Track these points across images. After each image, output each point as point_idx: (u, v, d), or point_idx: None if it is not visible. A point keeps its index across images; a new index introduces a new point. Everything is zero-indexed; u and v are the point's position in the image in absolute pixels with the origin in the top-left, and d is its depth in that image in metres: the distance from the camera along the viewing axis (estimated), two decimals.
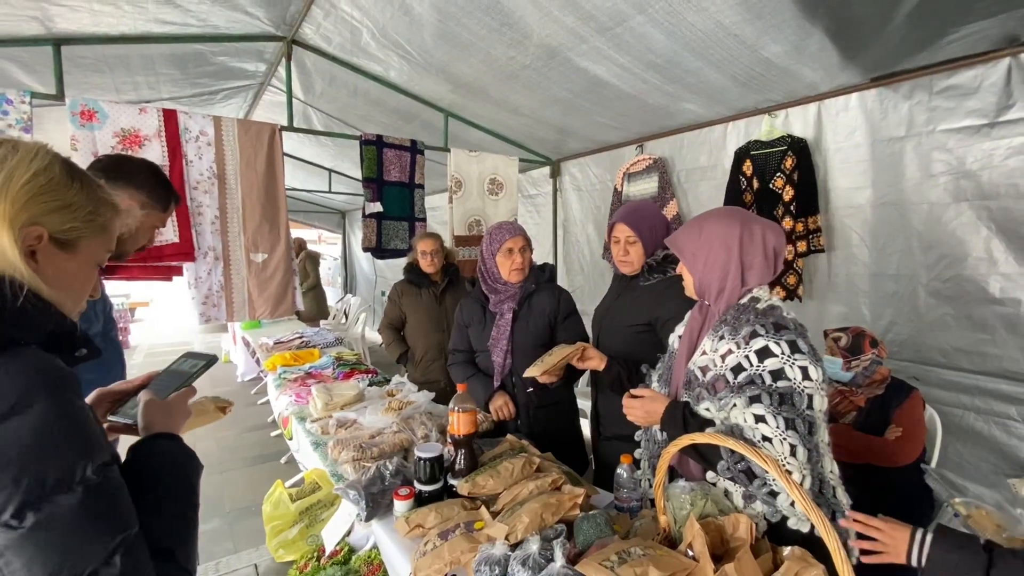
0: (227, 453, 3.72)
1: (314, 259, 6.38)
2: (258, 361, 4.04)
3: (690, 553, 0.97)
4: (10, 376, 0.53)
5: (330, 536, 1.47)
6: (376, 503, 1.37)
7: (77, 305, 0.67)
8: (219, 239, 2.75)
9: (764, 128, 2.62)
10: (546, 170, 4.07)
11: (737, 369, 1.10)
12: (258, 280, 2.90)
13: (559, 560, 0.94)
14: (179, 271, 2.76)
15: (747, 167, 2.68)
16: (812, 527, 1.08)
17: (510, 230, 1.87)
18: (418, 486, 1.36)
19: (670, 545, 1.03)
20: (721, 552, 1.00)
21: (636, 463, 1.39)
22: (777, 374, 1.06)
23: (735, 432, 1.05)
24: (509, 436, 1.66)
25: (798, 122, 2.54)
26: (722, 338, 1.15)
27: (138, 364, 6.52)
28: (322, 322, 6.20)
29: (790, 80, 2.30)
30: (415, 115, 3.48)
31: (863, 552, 1.06)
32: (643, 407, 1.23)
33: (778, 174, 2.55)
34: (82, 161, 2.35)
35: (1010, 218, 1.90)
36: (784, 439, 1.01)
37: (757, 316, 1.13)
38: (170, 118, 2.55)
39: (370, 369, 2.98)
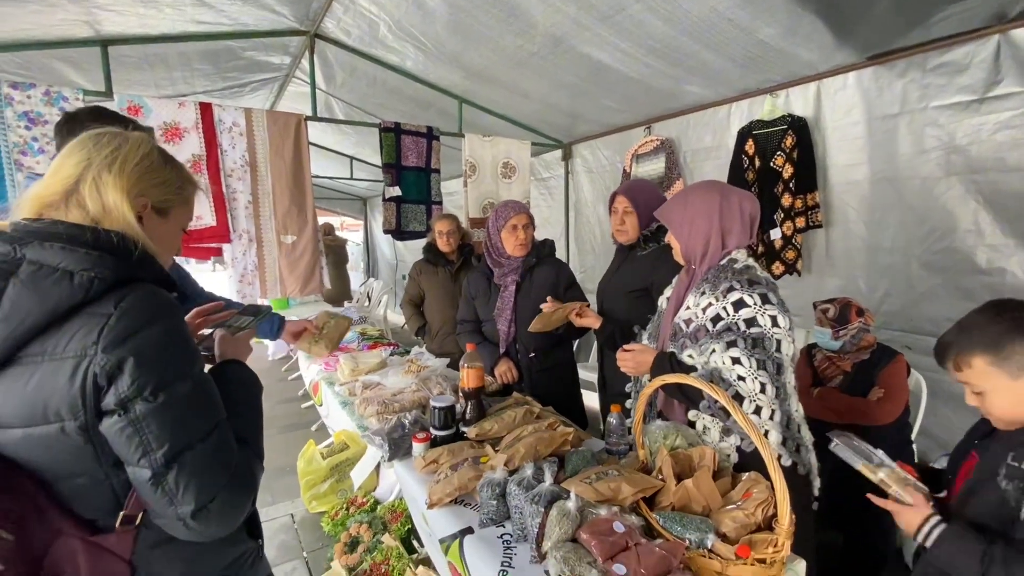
0: (263, 421, 4.01)
1: (336, 247, 6.58)
2: None
3: (660, 477, 1.14)
4: (142, 300, 0.72)
5: (358, 475, 1.69)
6: (397, 446, 1.57)
7: (168, 260, 0.88)
8: (252, 222, 2.99)
9: (766, 108, 2.70)
10: (558, 153, 4.19)
11: (716, 319, 1.26)
12: (288, 260, 3.14)
13: (548, 480, 1.12)
14: (217, 252, 3.01)
15: (749, 146, 2.77)
16: (793, 462, 1.24)
17: (515, 208, 2.04)
18: (433, 432, 1.56)
19: (645, 474, 1.20)
20: (689, 478, 1.17)
21: (626, 412, 1.57)
22: (750, 322, 1.22)
23: (715, 374, 1.20)
24: (515, 394, 1.84)
25: (798, 101, 2.61)
26: (703, 294, 1.31)
27: None
28: (346, 303, 6.47)
29: (788, 60, 2.38)
30: (431, 103, 3.64)
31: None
32: (634, 359, 1.40)
33: (779, 152, 2.64)
34: None
35: (996, 191, 1.98)
36: (756, 378, 1.17)
37: (734, 274, 1.29)
38: (206, 111, 2.77)
39: (392, 343, 3.19)
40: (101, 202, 0.74)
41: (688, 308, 1.34)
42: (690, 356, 1.27)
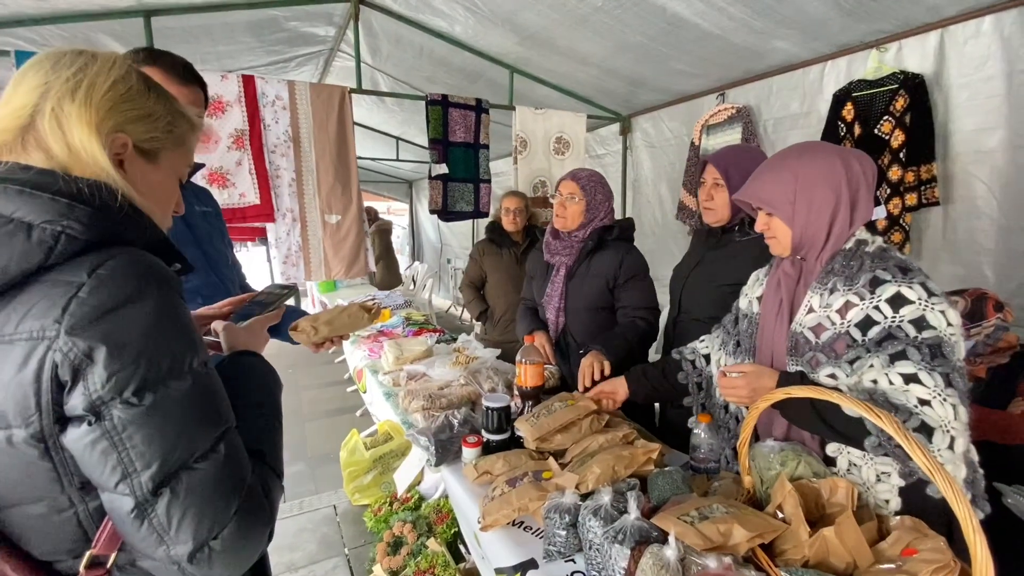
0: (308, 406, 3.99)
1: (384, 231, 6.49)
2: None
3: (779, 515, 0.89)
4: (125, 269, 0.54)
5: (401, 479, 1.52)
6: (445, 450, 1.39)
7: (165, 218, 0.69)
8: (296, 201, 2.87)
9: (870, 65, 2.31)
10: (615, 127, 3.87)
11: (866, 324, 0.96)
12: (333, 241, 3.01)
13: (633, 512, 0.90)
14: (262, 232, 2.92)
15: (847, 111, 2.38)
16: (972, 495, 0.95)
17: (569, 173, 1.85)
18: (486, 435, 1.36)
19: (755, 507, 0.95)
20: (815, 518, 0.91)
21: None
22: (919, 323, 0.91)
23: (878, 399, 0.90)
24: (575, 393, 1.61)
25: (913, 55, 2.20)
26: (833, 291, 1.01)
27: None
28: (396, 289, 6.41)
29: (908, 4, 1.98)
30: (480, 73, 3.41)
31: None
32: (749, 385, 1.04)
33: (886, 117, 2.25)
34: None
35: None
36: (944, 399, 0.86)
37: (873, 260, 1.00)
38: (248, 83, 2.65)
39: (438, 328, 3.03)
40: (65, 141, 0.55)
41: (812, 311, 1.04)
42: (831, 376, 0.97)
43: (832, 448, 1.00)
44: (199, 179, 2.48)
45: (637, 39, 2.56)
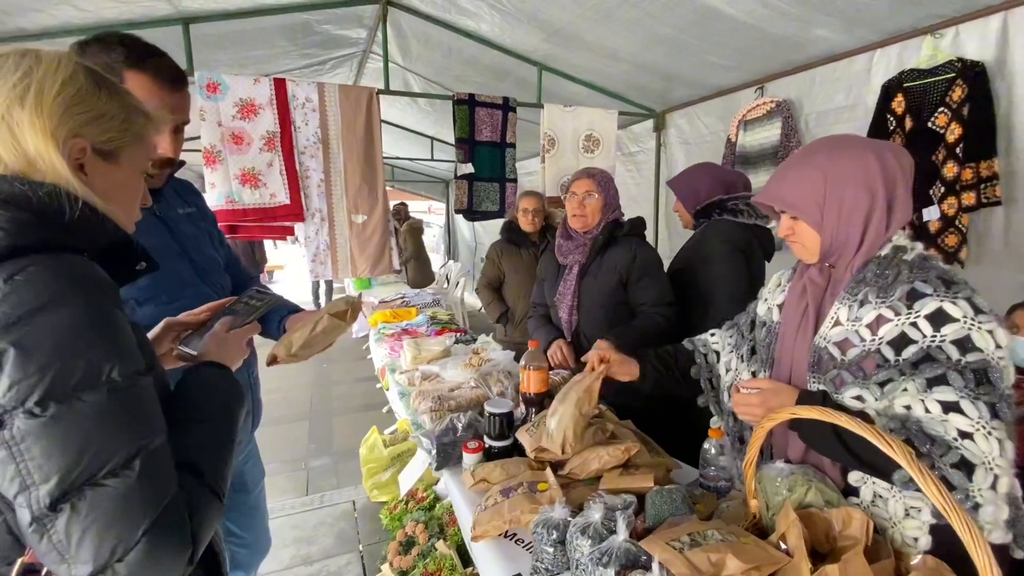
0: (338, 401, 4.08)
1: (416, 230, 6.54)
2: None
3: (783, 546, 0.81)
4: (48, 276, 0.53)
5: (405, 480, 1.51)
6: (447, 454, 1.37)
7: (130, 216, 0.68)
8: (324, 201, 2.93)
9: (924, 52, 2.12)
10: (649, 124, 3.75)
11: (901, 342, 0.86)
12: (359, 240, 3.06)
13: (622, 533, 0.84)
14: (291, 231, 3.00)
15: (898, 103, 2.21)
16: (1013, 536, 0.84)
17: (580, 172, 1.86)
18: (488, 441, 1.33)
19: (759, 534, 0.88)
20: (826, 551, 0.84)
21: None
22: (963, 344, 0.81)
23: (910, 428, 0.81)
24: None
25: (972, 41, 2.01)
26: (864, 303, 0.92)
27: None
28: (429, 288, 6.47)
29: None
30: (508, 71, 3.38)
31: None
32: (765, 403, 0.95)
33: (941, 109, 2.06)
34: (209, 130, 2.61)
35: None
36: (990, 432, 0.77)
37: (912, 269, 0.90)
38: (279, 86, 2.72)
39: (460, 328, 3.03)
40: (20, 150, 0.55)
41: (839, 325, 0.94)
42: (857, 398, 0.87)
43: (855, 477, 0.90)
44: (211, 178, 2.58)
45: (667, 31, 2.46)
